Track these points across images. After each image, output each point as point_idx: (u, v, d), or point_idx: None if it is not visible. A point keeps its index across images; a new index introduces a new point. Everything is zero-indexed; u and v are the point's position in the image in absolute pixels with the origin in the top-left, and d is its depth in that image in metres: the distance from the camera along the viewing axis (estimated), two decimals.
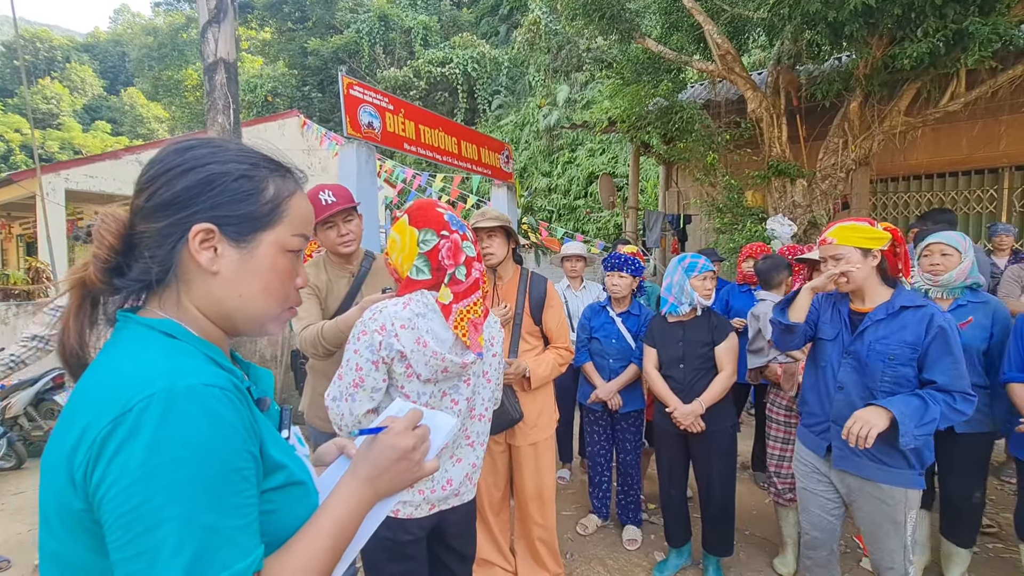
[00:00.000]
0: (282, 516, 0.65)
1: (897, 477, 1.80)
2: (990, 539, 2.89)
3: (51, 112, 30.98)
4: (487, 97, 17.99)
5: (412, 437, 0.76)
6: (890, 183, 6.25)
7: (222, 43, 4.10)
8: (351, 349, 1.37)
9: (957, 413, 1.70)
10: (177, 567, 0.52)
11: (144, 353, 0.62)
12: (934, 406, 1.69)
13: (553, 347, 2.45)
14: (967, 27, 3.52)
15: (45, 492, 0.61)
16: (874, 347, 1.81)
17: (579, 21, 5.38)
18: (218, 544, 0.54)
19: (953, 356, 1.72)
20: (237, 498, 0.57)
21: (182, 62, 25.03)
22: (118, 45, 38.93)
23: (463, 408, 1.53)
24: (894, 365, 1.78)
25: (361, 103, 4.14)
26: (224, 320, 0.71)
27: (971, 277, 2.33)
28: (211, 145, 0.70)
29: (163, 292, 0.68)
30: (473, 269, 1.48)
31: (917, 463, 1.81)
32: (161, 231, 0.65)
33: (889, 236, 1.83)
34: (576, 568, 2.76)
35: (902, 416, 1.67)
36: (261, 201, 0.69)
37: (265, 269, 0.70)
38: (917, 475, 1.81)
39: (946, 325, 1.73)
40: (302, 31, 21.96)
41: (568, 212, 13.21)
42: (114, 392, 0.57)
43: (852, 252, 1.83)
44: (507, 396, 2.27)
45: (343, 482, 0.73)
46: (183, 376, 0.58)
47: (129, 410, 0.54)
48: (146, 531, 0.52)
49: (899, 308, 1.80)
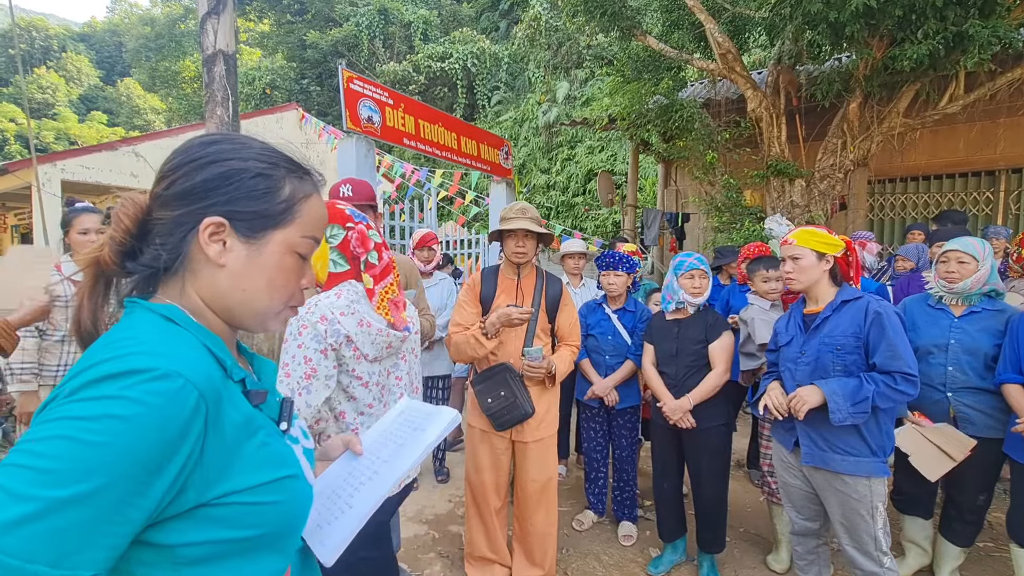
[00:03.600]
0: (272, 509, 0.66)
1: (861, 466, 1.89)
2: (981, 538, 2.92)
3: (47, 102, 30.70)
4: (486, 93, 17.93)
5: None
6: (887, 184, 6.27)
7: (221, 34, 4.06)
8: (294, 345, 1.40)
9: (899, 393, 1.80)
10: (23, 534, 0.47)
11: (131, 331, 0.63)
12: (868, 385, 1.81)
13: (565, 345, 2.50)
14: (967, 29, 3.53)
15: None
16: (824, 341, 1.95)
17: (580, 17, 5.36)
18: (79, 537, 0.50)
19: (887, 339, 1.83)
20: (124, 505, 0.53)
21: (179, 53, 24.83)
22: (115, 35, 38.56)
23: (406, 383, 1.62)
24: (842, 355, 1.91)
25: (361, 97, 4.13)
26: (226, 312, 0.72)
27: (988, 284, 2.32)
28: (236, 141, 0.71)
29: (170, 280, 0.70)
30: (384, 253, 1.58)
31: (879, 450, 1.91)
32: (174, 220, 0.67)
33: (843, 244, 1.99)
34: (571, 563, 2.77)
35: (831, 394, 1.84)
36: (276, 200, 0.71)
37: (271, 266, 0.71)
38: (880, 463, 1.90)
39: (881, 310, 1.86)
40: (301, 23, 21.81)
41: (566, 209, 13.20)
42: (92, 355, 0.59)
43: (808, 254, 1.97)
44: (519, 390, 2.30)
45: None
46: (162, 360, 0.57)
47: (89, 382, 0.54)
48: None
49: (840, 303, 1.96)
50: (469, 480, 2.52)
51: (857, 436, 1.91)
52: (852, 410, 1.81)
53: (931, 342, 2.42)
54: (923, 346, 2.44)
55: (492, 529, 2.52)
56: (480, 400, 2.36)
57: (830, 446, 1.94)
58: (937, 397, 2.40)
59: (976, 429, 2.31)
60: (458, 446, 4.27)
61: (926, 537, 2.60)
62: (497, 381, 2.33)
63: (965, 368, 2.34)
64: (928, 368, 2.43)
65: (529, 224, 2.33)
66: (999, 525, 2.99)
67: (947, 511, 2.49)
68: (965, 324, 2.37)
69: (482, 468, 2.46)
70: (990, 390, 2.29)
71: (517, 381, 2.33)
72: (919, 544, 2.61)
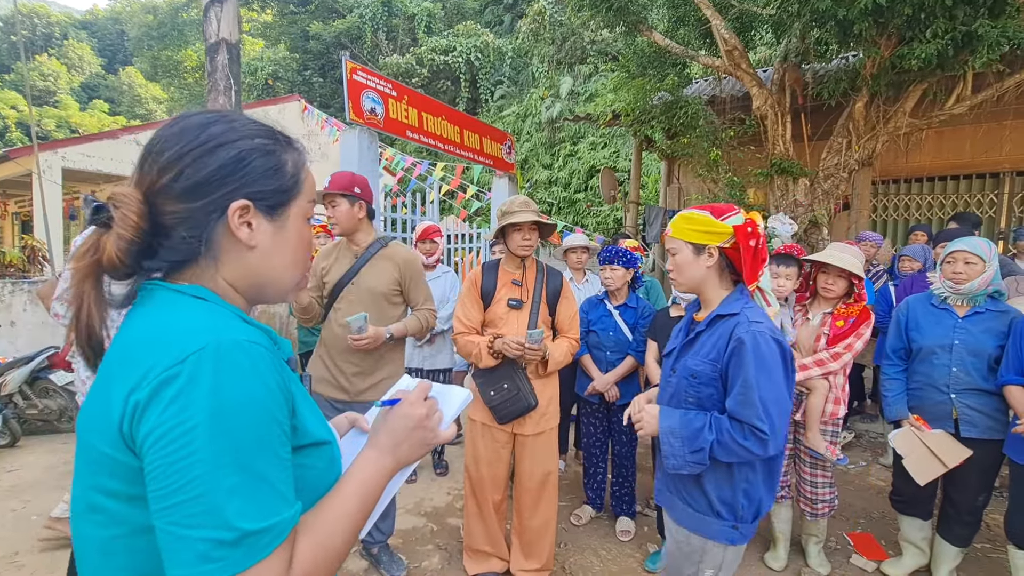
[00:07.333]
0: (312, 473, 0.68)
1: (698, 523, 1.50)
2: (979, 539, 2.92)
3: (48, 89, 30.57)
4: (489, 87, 17.85)
5: (424, 406, 0.79)
6: (891, 185, 6.25)
7: (225, 23, 4.04)
8: None
9: (743, 450, 1.36)
10: (237, 509, 0.54)
11: (183, 311, 0.64)
12: (709, 434, 1.40)
13: (564, 336, 2.50)
14: (976, 29, 3.51)
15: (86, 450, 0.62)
16: (685, 363, 1.53)
17: (585, 12, 5.32)
18: (267, 492, 0.56)
19: (744, 377, 1.36)
20: (281, 451, 0.60)
21: (182, 42, 24.71)
22: (117, 23, 38.34)
23: None
24: (696, 385, 1.49)
25: (364, 88, 4.11)
26: (255, 290, 0.73)
27: (993, 285, 2.31)
28: (228, 119, 0.70)
29: (186, 267, 0.69)
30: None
31: (727, 512, 1.46)
32: (200, 209, 0.66)
33: (730, 231, 1.45)
34: (569, 558, 2.78)
35: (668, 432, 1.45)
36: (286, 175, 0.72)
37: (295, 238, 0.74)
38: (725, 528, 1.46)
39: (746, 337, 1.37)
40: (304, 14, 21.71)
41: (568, 205, 13.17)
42: (163, 345, 0.59)
43: (683, 247, 1.52)
44: (522, 383, 2.30)
45: (364, 453, 0.75)
46: (227, 331, 0.60)
47: (182, 361, 0.56)
48: (203, 476, 0.53)
49: (715, 316, 1.49)
50: (469, 473, 2.52)
51: (698, 488, 1.50)
52: (690, 458, 1.42)
53: (935, 343, 2.41)
54: (927, 347, 2.43)
55: (491, 522, 2.52)
56: (482, 393, 2.36)
57: (677, 489, 1.56)
58: (940, 399, 2.39)
59: (978, 431, 2.31)
60: (457, 440, 4.27)
61: (924, 538, 2.60)
62: (500, 374, 2.33)
63: (969, 369, 2.33)
64: (931, 369, 2.42)
65: (536, 216, 2.34)
66: (996, 527, 3.00)
67: (945, 511, 2.49)
68: (969, 325, 2.36)
69: (482, 461, 2.46)
70: (993, 392, 2.28)
71: (520, 374, 2.34)
72: (916, 544, 2.61)
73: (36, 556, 2.63)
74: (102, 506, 0.61)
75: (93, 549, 0.63)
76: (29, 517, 3.05)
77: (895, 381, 2.55)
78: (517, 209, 2.34)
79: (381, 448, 0.75)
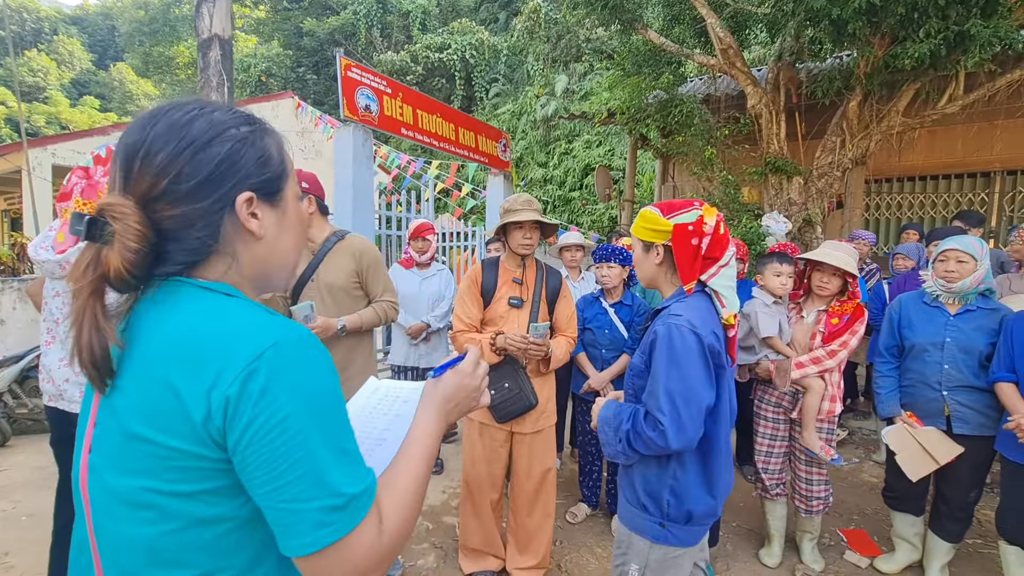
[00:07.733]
0: None
1: (624, 513, 1.55)
2: (970, 535, 2.95)
3: (38, 85, 30.18)
4: (484, 85, 17.82)
5: (479, 378, 0.88)
6: (883, 184, 6.29)
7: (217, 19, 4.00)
8: None
9: (649, 440, 1.37)
10: (339, 479, 0.61)
11: (227, 309, 0.65)
12: (627, 424, 1.45)
13: (562, 335, 2.50)
14: (969, 29, 3.53)
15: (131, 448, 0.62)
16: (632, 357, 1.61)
17: (580, 10, 5.31)
18: (355, 461, 0.64)
19: (654, 369, 1.41)
20: (349, 426, 0.66)
21: (174, 38, 24.51)
22: (108, 18, 37.92)
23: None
24: (632, 376, 1.55)
25: (359, 85, 4.08)
26: (263, 279, 0.75)
27: (984, 283, 2.33)
28: (203, 113, 0.67)
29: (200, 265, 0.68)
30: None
31: (653, 506, 1.46)
32: (207, 209, 0.66)
33: (670, 229, 1.45)
34: (565, 556, 2.78)
35: (603, 422, 1.53)
36: (275, 159, 0.73)
37: (295, 219, 0.76)
38: (649, 522, 1.47)
39: (661, 329, 1.41)
40: (298, 11, 21.57)
41: (563, 204, 13.17)
42: (229, 342, 0.61)
43: (636, 244, 1.57)
44: (523, 382, 2.29)
45: (423, 414, 0.81)
46: (284, 327, 0.64)
47: (259, 356, 0.59)
48: (306, 456, 0.59)
49: (655, 311, 1.55)
50: (466, 472, 2.52)
51: (628, 479, 1.54)
52: (618, 448, 1.46)
53: (927, 340, 2.43)
54: (919, 344, 2.45)
55: (487, 521, 2.52)
56: None
57: (621, 480, 1.61)
58: (933, 396, 2.41)
59: (970, 427, 2.33)
60: (452, 438, 4.26)
61: (916, 533, 2.62)
62: (501, 373, 2.32)
63: (961, 366, 2.35)
64: (924, 367, 2.44)
65: (539, 215, 2.33)
66: (988, 522, 3.02)
67: (937, 507, 2.51)
68: (960, 322, 2.38)
69: (480, 460, 2.45)
70: (984, 389, 2.30)
71: (521, 373, 2.33)
72: (909, 540, 2.63)
73: (26, 557, 2.61)
74: (152, 502, 0.61)
75: (136, 547, 0.62)
76: (19, 518, 3.02)
77: (888, 378, 2.57)
78: (520, 207, 2.33)
79: (439, 411, 0.82)
